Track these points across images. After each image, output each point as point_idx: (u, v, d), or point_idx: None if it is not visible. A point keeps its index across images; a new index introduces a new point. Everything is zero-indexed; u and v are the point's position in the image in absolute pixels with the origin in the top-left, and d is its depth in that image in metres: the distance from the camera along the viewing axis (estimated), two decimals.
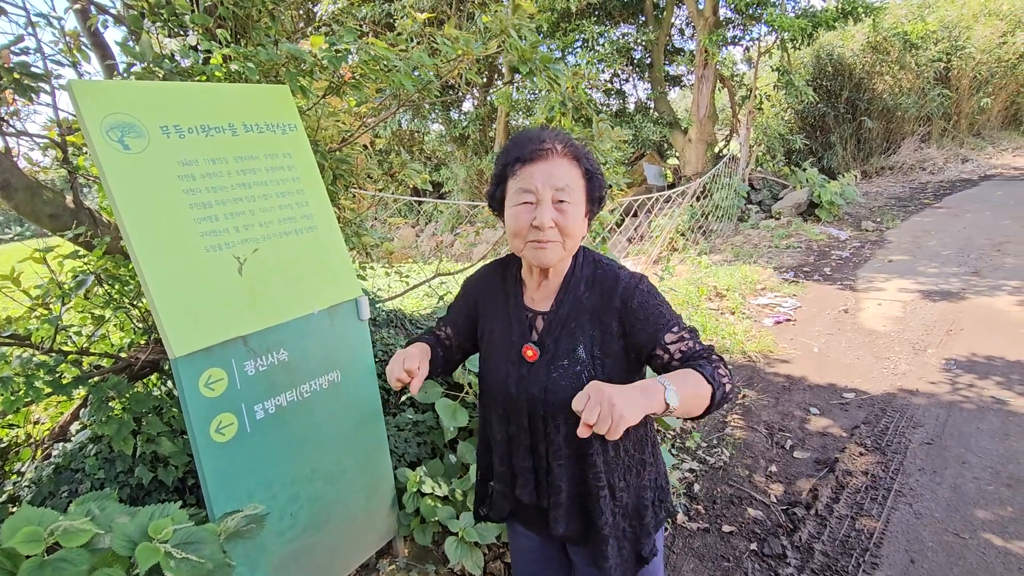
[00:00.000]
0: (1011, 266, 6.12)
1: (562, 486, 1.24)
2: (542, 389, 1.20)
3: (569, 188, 1.15)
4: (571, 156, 1.17)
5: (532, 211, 1.14)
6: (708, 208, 9.05)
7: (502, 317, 1.31)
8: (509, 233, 1.20)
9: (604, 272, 1.24)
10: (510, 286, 1.33)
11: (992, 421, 3.25)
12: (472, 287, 1.42)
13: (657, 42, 11.32)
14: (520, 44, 2.21)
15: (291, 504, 1.74)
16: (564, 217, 1.14)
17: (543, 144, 1.16)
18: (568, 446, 1.22)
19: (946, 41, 13.38)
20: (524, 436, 1.26)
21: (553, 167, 1.15)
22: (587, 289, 1.23)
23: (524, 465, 1.28)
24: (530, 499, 1.29)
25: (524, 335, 1.26)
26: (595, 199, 1.23)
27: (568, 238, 1.17)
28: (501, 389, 1.26)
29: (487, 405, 1.35)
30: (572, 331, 1.21)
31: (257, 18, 2.29)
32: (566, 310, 1.23)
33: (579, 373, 1.18)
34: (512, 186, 1.18)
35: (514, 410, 1.25)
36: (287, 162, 1.82)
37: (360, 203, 3.33)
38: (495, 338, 1.32)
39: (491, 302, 1.36)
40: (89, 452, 2.10)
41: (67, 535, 1.14)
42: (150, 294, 1.43)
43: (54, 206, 2.08)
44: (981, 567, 2.22)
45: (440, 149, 14.72)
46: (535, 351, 1.23)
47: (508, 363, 1.26)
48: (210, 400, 1.52)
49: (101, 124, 1.43)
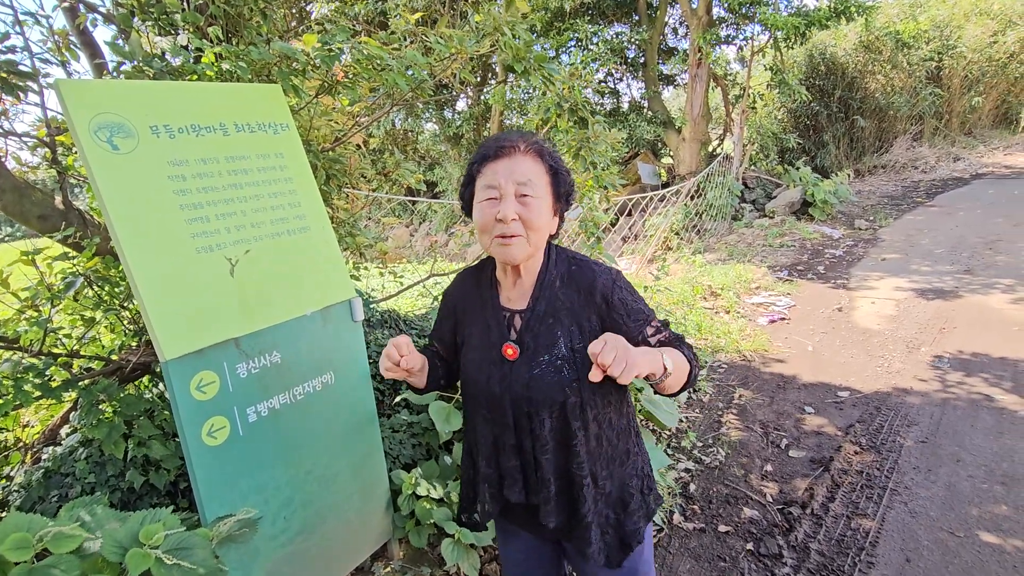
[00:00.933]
0: (1003, 264, 6.15)
1: (550, 479, 1.25)
2: (524, 385, 1.22)
3: (532, 183, 1.18)
4: (534, 152, 1.21)
5: (496, 206, 1.17)
6: (702, 207, 9.07)
7: (480, 320, 1.33)
8: (477, 230, 1.23)
9: (579, 269, 1.27)
10: (485, 289, 1.35)
11: (986, 419, 3.26)
12: (450, 296, 1.44)
13: (651, 41, 11.33)
14: (514, 43, 2.20)
15: (284, 508, 1.72)
16: (528, 210, 1.17)
17: (506, 142, 1.21)
18: (553, 439, 1.24)
19: (937, 40, 13.46)
20: (509, 435, 1.27)
21: (515, 163, 1.18)
22: (563, 285, 1.26)
23: (511, 465, 1.29)
24: (519, 498, 1.30)
25: (503, 334, 1.27)
26: (561, 194, 1.26)
27: (532, 231, 1.19)
28: (484, 390, 1.27)
29: (471, 408, 1.35)
30: (551, 327, 1.23)
31: (249, 17, 2.27)
32: (543, 307, 1.25)
33: (560, 367, 1.21)
34: (479, 184, 1.23)
35: (498, 410, 1.26)
36: (279, 162, 1.80)
37: (354, 203, 3.31)
38: (475, 341, 1.33)
39: (469, 307, 1.37)
40: (79, 456, 2.08)
41: (56, 541, 1.12)
42: (140, 296, 1.41)
43: (43, 207, 2.06)
44: (976, 565, 2.22)
45: (434, 148, 14.69)
46: (515, 349, 1.24)
47: (489, 364, 1.27)
48: (202, 403, 1.50)
49: (89, 124, 1.41)
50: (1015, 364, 3.90)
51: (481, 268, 1.40)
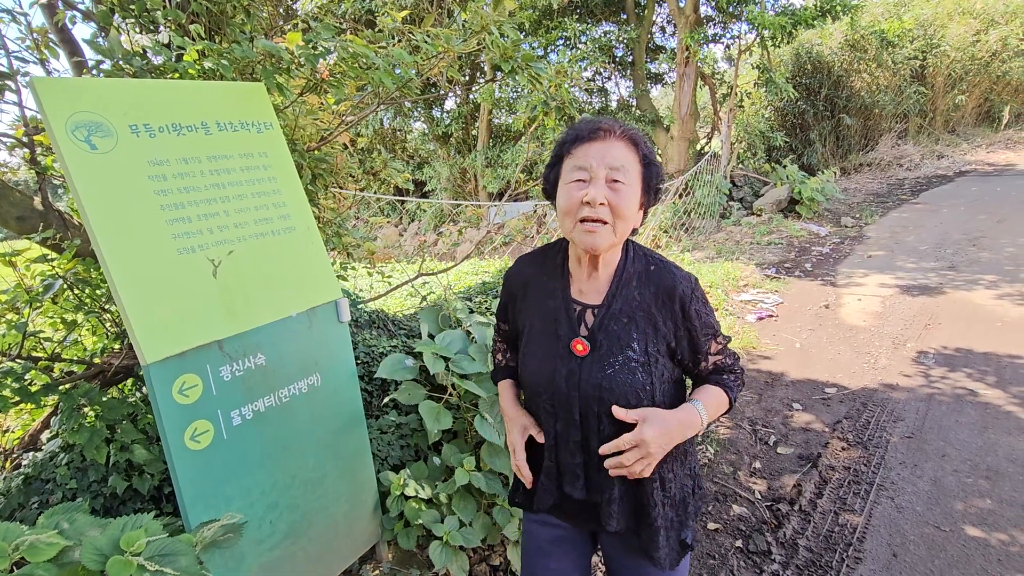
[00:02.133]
0: (986, 260, 6.23)
1: (614, 481, 1.21)
2: (597, 386, 1.17)
3: (624, 169, 1.13)
4: (629, 139, 1.16)
5: (584, 188, 1.12)
6: (690, 205, 9.11)
7: (546, 309, 1.27)
8: (560, 212, 1.18)
9: (659, 270, 1.22)
10: (554, 278, 1.29)
11: (970, 414, 3.30)
12: (510, 280, 1.39)
13: (639, 40, 11.36)
14: (501, 42, 2.18)
15: (270, 512, 1.70)
16: (617, 196, 1.12)
17: (601, 125, 1.16)
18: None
19: (922, 39, 13.62)
20: (575, 432, 1.22)
21: (609, 147, 1.13)
22: (640, 285, 1.21)
23: (574, 462, 1.24)
24: (581, 495, 1.25)
25: (573, 328, 1.22)
26: (652, 188, 1.20)
27: (619, 220, 1.13)
28: (548, 385, 1.23)
29: (531, 399, 1.31)
30: (625, 326, 1.19)
31: (232, 14, 2.24)
32: (619, 305, 1.20)
33: (634, 369, 1.16)
34: (567, 165, 1.17)
35: (564, 406, 1.21)
36: (263, 161, 1.78)
37: (341, 202, 3.29)
38: (537, 331, 1.28)
39: (531, 294, 1.32)
40: (60, 461, 2.04)
41: (33, 550, 1.10)
42: (120, 298, 1.38)
43: (22, 208, 2.02)
44: (961, 559, 2.25)
45: (423, 147, 14.65)
46: (586, 345, 1.19)
47: (555, 357, 1.22)
48: (184, 407, 1.47)
49: (66, 123, 1.38)
50: (998, 359, 3.95)
51: (544, 254, 1.34)
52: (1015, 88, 14.74)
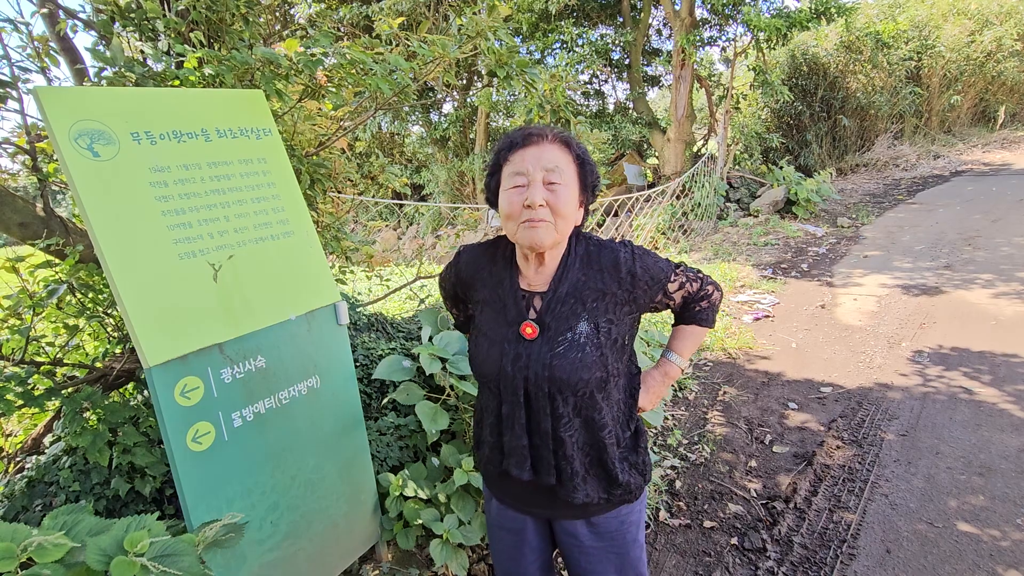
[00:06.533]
0: (982, 260, 6.27)
1: (574, 456, 1.25)
2: (546, 366, 1.21)
3: (559, 170, 1.19)
4: (561, 141, 1.22)
5: (524, 192, 1.18)
6: (688, 207, 9.14)
7: (494, 297, 1.32)
8: (503, 217, 1.23)
9: (598, 248, 1.29)
10: (502, 268, 1.33)
11: (964, 412, 3.33)
12: (465, 266, 1.41)
13: (635, 43, 11.40)
14: (496, 48, 2.21)
15: (271, 512, 1.72)
16: (555, 197, 1.18)
17: (532, 131, 1.22)
18: (578, 415, 1.25)
19: (917, 40, 13.68)
20: (520, 414, 1.26)
21: (543, 151, 1.19)
22: (583, 267, 1.27)
23: (519, 444, 1.27)
24: (528, 476, 1.28)
25: (521, 313, 1.26)
26: (588, 185, 1.27)
27: (559, 218, 1.19)
28: (494, 368, 1.26)
29: (480, 382, 1.35)
30: (572, 307, 1.23)
31: (231, 22, 2.27)
32: (565, 288, 1.25)
33: (583, 345, 1.21)
34: (506, 172, 1.23)
35: (509, 388, 1.25)
36: (262, 167, 1.81)
37: (339, 207, 3.31)
38: (487, 317, 1.32)
39: (482, 282, 1.36)
40: (63, 464, 2.06)
41: (41, 550, 1.12)
42: (122, 303, 1.41)
43: (24, 214, 2.04)
44: (954, 555, 2.27)
45: (420, 151, 14.67)
46: (535, 328, 1.24)
47: (504, 341, 1.26)
48: (186, 409, 1.50)
49: (69, 131, 1.41)
50: (993, 358, 3.99)
51: (495, 245, 1.38)
52: (1010, 88, 14.83)
